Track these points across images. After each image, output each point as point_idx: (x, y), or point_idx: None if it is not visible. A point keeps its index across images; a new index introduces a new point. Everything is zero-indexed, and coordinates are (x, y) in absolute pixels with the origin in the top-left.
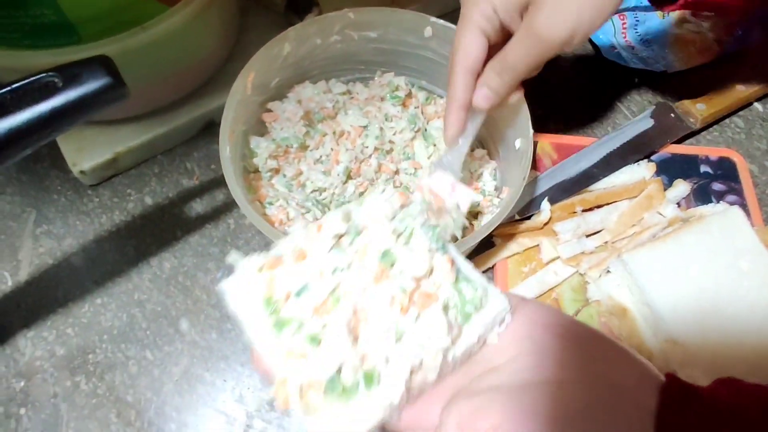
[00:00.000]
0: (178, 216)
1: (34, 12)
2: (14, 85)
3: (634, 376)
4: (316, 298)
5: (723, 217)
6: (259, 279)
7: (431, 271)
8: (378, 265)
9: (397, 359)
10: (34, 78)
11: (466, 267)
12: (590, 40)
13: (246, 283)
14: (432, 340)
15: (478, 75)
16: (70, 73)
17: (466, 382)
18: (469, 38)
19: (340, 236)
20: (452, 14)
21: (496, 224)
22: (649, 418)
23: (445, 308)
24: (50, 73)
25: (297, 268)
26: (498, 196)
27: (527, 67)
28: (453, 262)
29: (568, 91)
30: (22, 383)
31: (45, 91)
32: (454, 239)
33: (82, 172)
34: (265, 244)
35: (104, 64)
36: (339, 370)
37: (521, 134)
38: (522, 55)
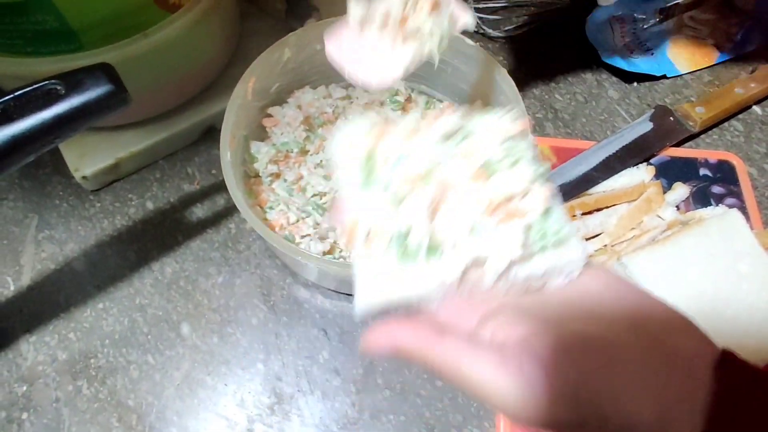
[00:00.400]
0: (179, 221)
1: (35, 19)
2: (17, 93)
3: (690, 344)
4: (411, 169)
5: (722, 220)
6: (367, 137)
7: (525, 195)
8: (478, 168)
9: (464, 246)
10: (36, 85)
11: (559, 209)
12: (590, 45)
13: (354, 136)
14: (504, 246)
15: None
16: (72, 81)
17: (510, 301)
18: None
19: (452, 133)
20: None
21: None
22: (702, 391)
23: (527, 228)
24: (53, 81)
25: (403, 142)
26: None
27: None
28: (549, 196)
29: (568, 94)
30: (24, 388)
31: (48, 98)
32: None
33: (84, 177)
34: (266, 249)
35: (106, 71)
36: (408, 232)
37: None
38: None
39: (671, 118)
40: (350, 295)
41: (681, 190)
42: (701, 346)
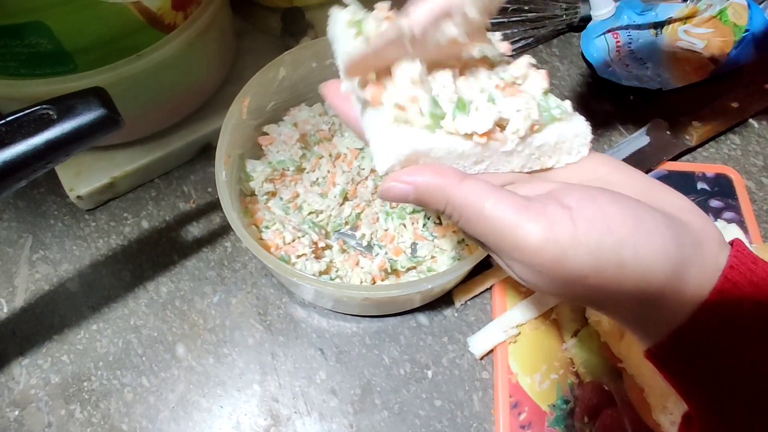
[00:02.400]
0: (174, 240)
1: (30, 42)
2: (9, 118)
3: (700, 225)
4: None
5: None
6: (375, 15)
7: (526, 79)
8: (481, 56)
9: (487, 107)
10: (29, 110)
11: (556, 98)
12: (585, 59)
13: (356, 13)
14: (521, 107)
15: None
16: (64, 105)
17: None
18: None
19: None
20: None
21: None
22: (710, 261)
23: (534, 98)
24: (45, 106)
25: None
26: None
27: None
28: (548, 78)
29: None
30: (17, 412)
31: (40, 123)
32: None
33: (79, 197)
34: (262, 268)
35: (99, 95)
36: (437, 97)
37: None
38: None
39: (668, 132)
40: (346, 314)
41: None
42: (708, 226)
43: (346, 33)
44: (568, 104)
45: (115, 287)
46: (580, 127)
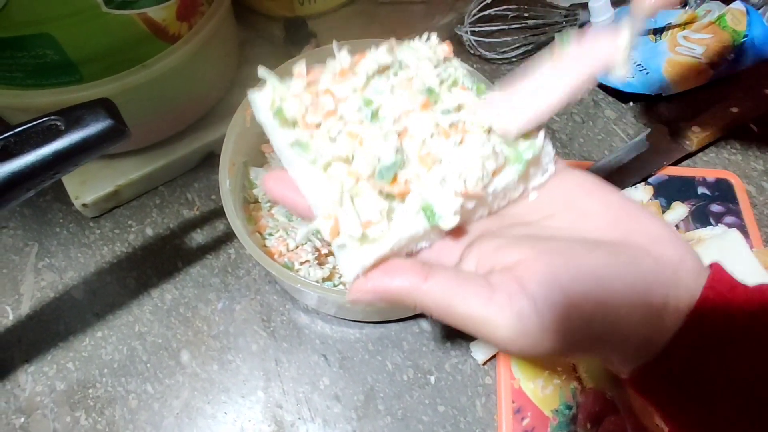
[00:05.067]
0: (178, 247)
1: (36, 53)
2: (17, 129)
3: (676, 253)
4: (356, 111)
5: (722, 240)
6: (295, 90)
7: (474, 112)
8: (423, 96)
9: (452, 206)
10: (37, 121)
11: None
12: None
13: (278, 94)
14: (476, 161)
15: None
16: (72, 117)
17: (494, 231)
18: None
19: (384, 68)
20: None
21: None
22: (686, 295)
23: (488, 134)
24: (53, 117)
25: (336, 86)
26: None
27: None
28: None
29: (565, 115)
30: (22, 419)
31: (48, 134)
32: None
33: (84, 205)
34: (266, 274)
35: (106, 106)
36: (386, 169)
37: None
38: None
39: (668, 137)
40: (350, 320)
41: (680, 210)
42: (685, 255)
43: (271, 121)
44: (540, 134)
45: (119, 294)
46: (543, 145)
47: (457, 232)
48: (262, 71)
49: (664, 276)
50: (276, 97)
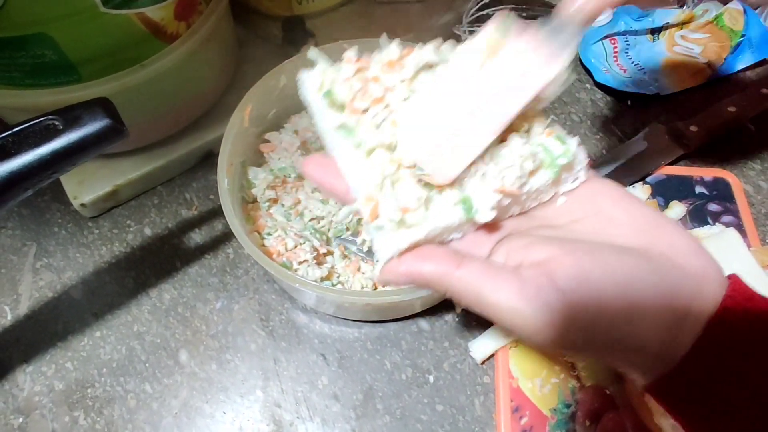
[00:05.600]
0: (177, 246)
1: (35, 53)
2: (16, 129)
3: (699, 264)
4: (402, 101)
5: (719, 240)
6: (344, 75)
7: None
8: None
9: (489, 200)
10: (35, 121)
11: (560, 135)
12: (583, 65)
13: (327, 77)
14: (515, 160)
15: None
16: (70, 116)
17: (524, 230)
18: None
19: (429, 65)
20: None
21: None
22: (707, 307)
23: (528, 135)
24: (51, 116)
25: (385, 76)
26: None
27: None
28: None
29: (563, 115)
30: (21, 419)
31: (46, 133)
32: None
33: (82, 205)
34: (264, 274)
35: (104, 106)
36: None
37: None
38: None
39: (666, 137)
40: (348, 320)
41: (678, 209)
42: (708, 267)
43: (319, 103)
44: (573, 142)
45: (118, 294)
46: (576, 153)
47: (489, 227)
48: (312, 53)
49: (688, 285)
50: (326, 80)
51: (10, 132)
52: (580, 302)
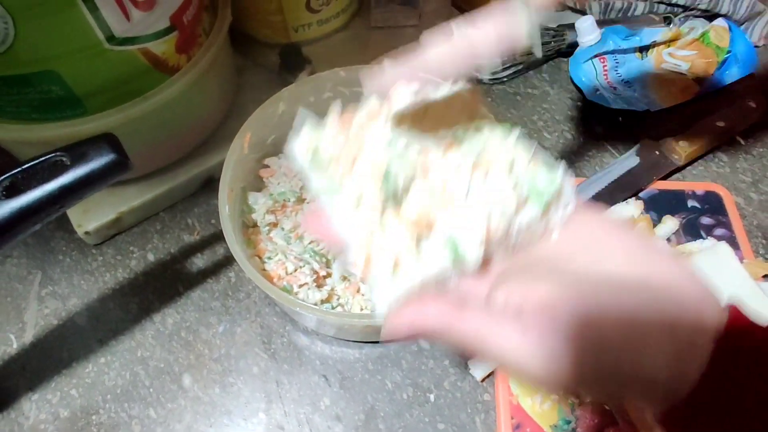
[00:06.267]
0: (179, 271)
1: (42, 89)
2: (25, 165)
3: (698, 296)
4: (385, 148)
5: (711, 254)
6: (329, 132)
7: (497, 144)
8: (448, 138)
9: (479, 246)
10: (43, 158)
11: (547, 162)
12: (574, 84)
13: (313, 139)
14: (498, 197)
15: None
16: (77, 152)
17: (520, 267)
18: None
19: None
20: None
21: None
22: (709, 336)
23: (511, 168)
24: (58, 153)
25: (365, 131)
26: None
27: None
28: (520, 141)
29: (555, 132)
30: None
31: (54, 169)
32: None
33: (86, 232)
34: (266, 297)
35: (109, 141)
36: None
37: None
38: None
39: (657, 152)
40: (349, 341)
41: (670, 223)
42: (706, 295)
43: (308, 165)
44: (560, 170)
45: (122, 320)
46: (564, 181)
47: (484, 266)
48: (301, 115)
49: (687, 317)
50: (312, 140)
51: (19, 169)
52: (585, 343)
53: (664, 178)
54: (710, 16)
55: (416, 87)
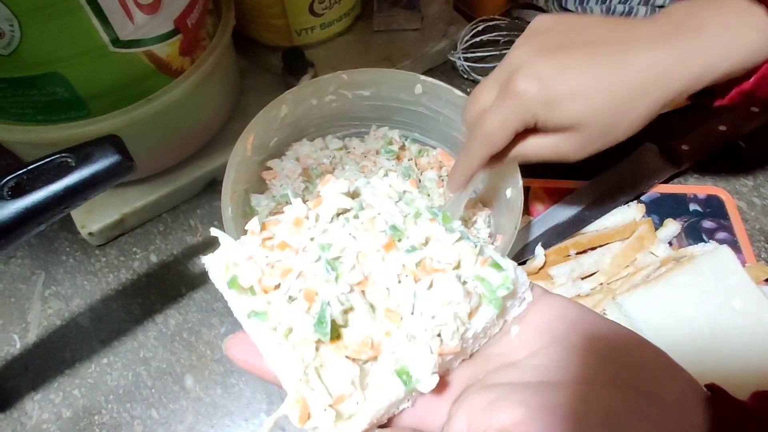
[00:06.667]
0: (182, 273)
1: (47, 91)
2: (30, 166)
3: (675, 387)
4: (314, 263)
5: (713, 257)
6: (249, 252)
7: (443, 244)
8: (387, 236)
9: (430, 369)
10: (49, 159)
11: (496, 261)
12: None
13: (233, 257)
14: (448, 310)
15: None
16: (82, 153)
17: (480, 376)
18: (506, 135)
19: (343, 211)
20: (441, 67)
21: None
22: (695, 430)
23: (459, 277)
24: (64, 154)
25: (293, 238)
26: (492, 243)
27: (544, 161)
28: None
29: None
30: None
31: (59, 170)
32: None
33: (90, 233)
34: None
35: (113, 143)
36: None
37: (512, 184)
38: (544, 155)
39: (659, 156)
40: None
41: (672, 227)
42: (687, 387)
43: (227, 290)
44: (510, 265)
45: (124, 321)
46: (517, 276)
47: (441, 384)
48: (214, 231)
49: (671, 418)
50: (230, 263)
51: (25, 169)
52: None
53: (666, 181)
54: None
55: (346, 184)
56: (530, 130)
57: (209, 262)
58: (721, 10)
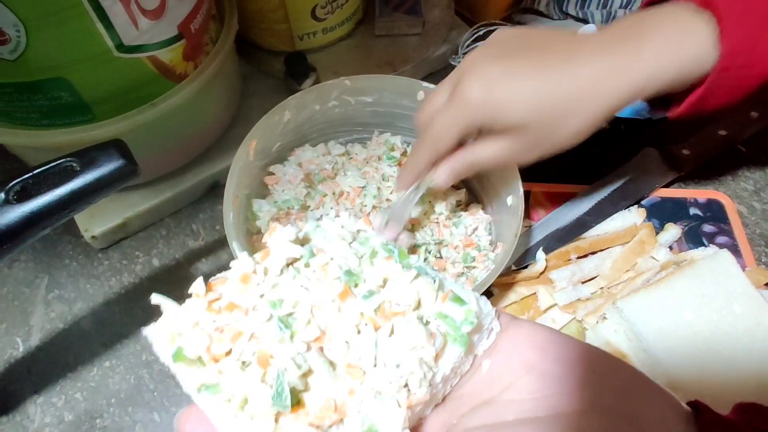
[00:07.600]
0: (184, 277)
1: (52, 95)
2: (36, 171)
3: (656, 409)
4: (266, 322)
5: (713, 261)
6: (194, 318)
7: (400, 284)
8: (342, 283)
9: (381, 385)
10: (54, 163)
11: (459, 293)
12: None
13: (177, 327)
14: (413, 357)
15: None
16: (87, 158)
17: (454, 421)
18: (452, 136)
19: (293, 260)
20: (442, 72)
21: (491, 281)
22: None
23: (420, 318)
24: (68, 159)
25: (241, 297)
26: (493, 251)
27: (494, 166)
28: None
29: None
30: None
31: (64, 174)
32: None
33: (93, 237)
34: None
35: (118, 147)
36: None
37: (512, 191)
38: (491, 159)
39: (659, 160)
40: None
41: (673, 231)
42: (667, 408)
43: (176, 362)
44: (473, 298)
45: (127, 324)
46: (478, 305)
47: (414, 430)
48: (156, 299)
49: None
50: (174, 333)
51: (30, 174)
52: None
53: (667, 186)
54: None
55: (293, 231)
56: (482, 135)
57: (151, 333)
58: (666, 17)
